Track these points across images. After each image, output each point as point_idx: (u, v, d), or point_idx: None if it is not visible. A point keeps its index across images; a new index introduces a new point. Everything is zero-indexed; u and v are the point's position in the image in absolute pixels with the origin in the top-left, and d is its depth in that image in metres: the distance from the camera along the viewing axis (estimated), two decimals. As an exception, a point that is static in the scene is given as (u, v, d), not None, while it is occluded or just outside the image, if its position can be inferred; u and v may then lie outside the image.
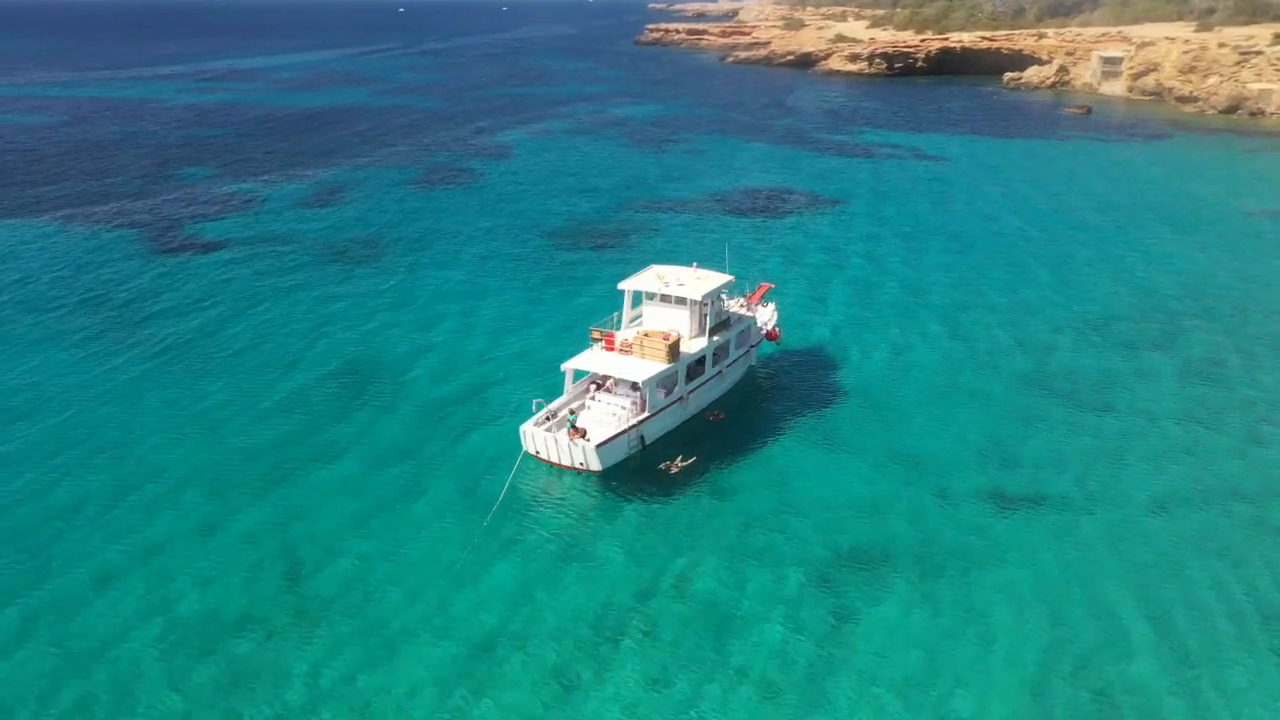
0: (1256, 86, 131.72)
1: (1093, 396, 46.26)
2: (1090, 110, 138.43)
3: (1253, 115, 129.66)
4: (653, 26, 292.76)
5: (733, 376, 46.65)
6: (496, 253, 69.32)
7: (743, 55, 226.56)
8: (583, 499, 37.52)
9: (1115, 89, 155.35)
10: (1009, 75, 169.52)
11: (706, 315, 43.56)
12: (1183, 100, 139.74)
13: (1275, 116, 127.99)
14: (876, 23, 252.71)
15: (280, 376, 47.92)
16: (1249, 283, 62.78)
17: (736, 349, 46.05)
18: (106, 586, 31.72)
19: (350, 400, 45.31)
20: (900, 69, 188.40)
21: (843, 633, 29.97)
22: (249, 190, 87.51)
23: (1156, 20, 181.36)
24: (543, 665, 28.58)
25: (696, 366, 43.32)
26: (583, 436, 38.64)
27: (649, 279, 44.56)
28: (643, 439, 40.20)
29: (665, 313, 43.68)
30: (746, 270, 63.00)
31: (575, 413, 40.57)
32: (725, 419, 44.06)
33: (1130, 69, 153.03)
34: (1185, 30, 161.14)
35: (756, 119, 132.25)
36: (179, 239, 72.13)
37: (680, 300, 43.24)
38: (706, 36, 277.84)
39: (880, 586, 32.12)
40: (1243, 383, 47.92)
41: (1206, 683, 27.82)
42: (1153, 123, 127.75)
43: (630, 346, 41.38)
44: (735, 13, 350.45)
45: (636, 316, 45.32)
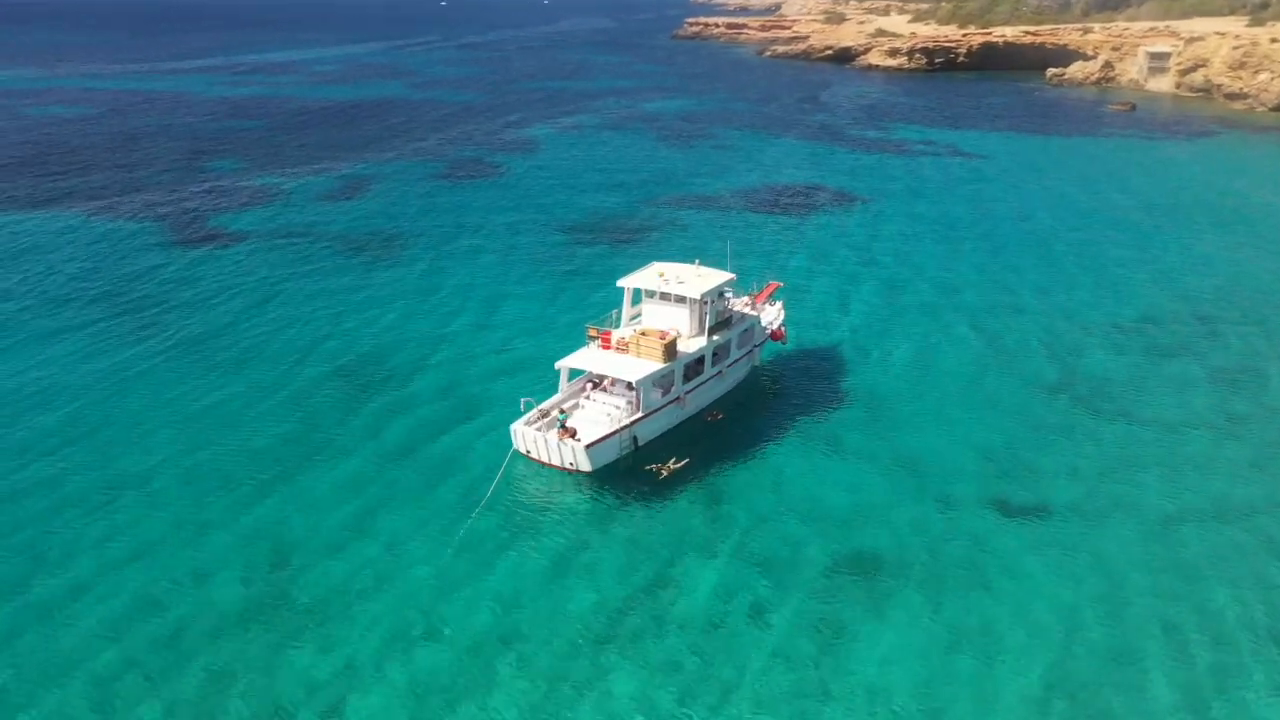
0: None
1: (1113, 403, 44.72)
2: (1134, 107, 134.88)
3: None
4: (691, 20, 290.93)
5: (734, 377, 45.68)
6: (516, 249, 68.67)
7: (781, 50, 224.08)
8: (571, 500, 36.91)
9: (1162, 85, 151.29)
10: (1052, 71, 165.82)
11: (706, 314, 42.65)
12: (1231, 97, 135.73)
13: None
14: (919, 17, 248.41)
15: (288, 371, 47.78)
16: (1292, 287, 60.44)
17: (738, 349, 45.08)
18: (100, 580, 31.60)
19: (355, 396, 45.06)
20: (941, 64, 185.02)
21: (834, 645, 29.05)
22: (275, 183, 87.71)
23: (1207, 15, 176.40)
24: (523, 668, 27.94)
25: (695, 366, 42.48)
26: (572, 436, 37.96)
27: (649, 276, 43.73)
28: (635, 440, 39.45)
29: (665, 311, 42.88)
30: (764, 268, 62.15)
31: (565, 412, 39.91)
32: (724, 420, 43.12)
33: (1178, 65, 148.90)
34: (1236, 25, 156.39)
35: (789, 114, 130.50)
36: (201, 232, 72.39)
37: (680, 298, 42.39)
38: (746, 31, 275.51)
39: (875, 597, 31.17)
40: (1273, 392, 46.00)
41: (1218, 709, 26.51)
42: (1199, 120, 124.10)
43: (626, 345, 40.62)
44: (778, 6, 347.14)
45: (636, 314, 44.53)
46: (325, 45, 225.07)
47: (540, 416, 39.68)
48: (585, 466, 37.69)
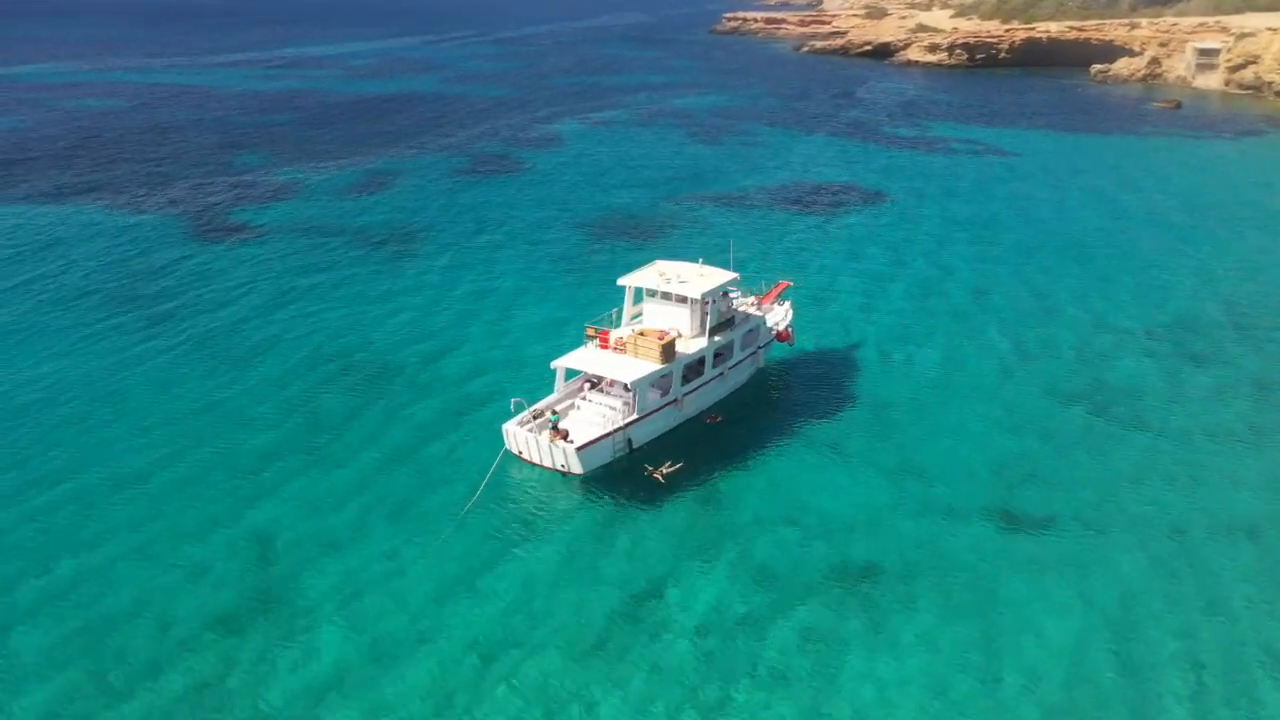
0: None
1: (1133, 412, 43.01)
2: (1180, 104, 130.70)
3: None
4: (729, 15, 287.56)
5: (736, 379, 44.43)
6: (536, 246, 67.62)
7: (819, 45, 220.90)
8: (561, 503, 36.07)
9: (1210, 82, 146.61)
10: (1096, 67, 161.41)
11: (708, 314, 41.47)
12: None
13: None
14: (961, 12, 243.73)
15: (296, 369, 47.42)
16: (1340, 295, 57.63)
17: (741, 350, 43.87)
18: (96, 576, 31.33)
19: (361, 394, 44.64)
20: (982, 60, 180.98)
21: (826, 662, 27.86)
22: (298, 177, 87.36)
23: (1259, 10, 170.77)
24: (504, 675, 27.31)
25: (695, 368, 41.42)
26: (564, 438, 37.06)
27: (649, 275, 42.76)
28: (630, 442, 38.43)
29: (666, 310, 41.90)
30: (781, 267, 60.98)
31: (558, 413, 39.03)
32: (724, 422, 41.94)
33: (1227, 61, 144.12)
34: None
35: (822, 110, 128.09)
36: (220, 226, 72.16)
37: (681, 298, 41.33)
38: (785, 25, 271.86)
39: (871, 611, 29.98)
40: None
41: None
42: (1248, 119, 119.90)
43: (624, 345, 39.66)
44: (819, 0, 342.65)
45: (637, 314, 43.56)
46: (361, 39, 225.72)
47: (534, 417, 38.88)
48: (577, 469, 36.91)
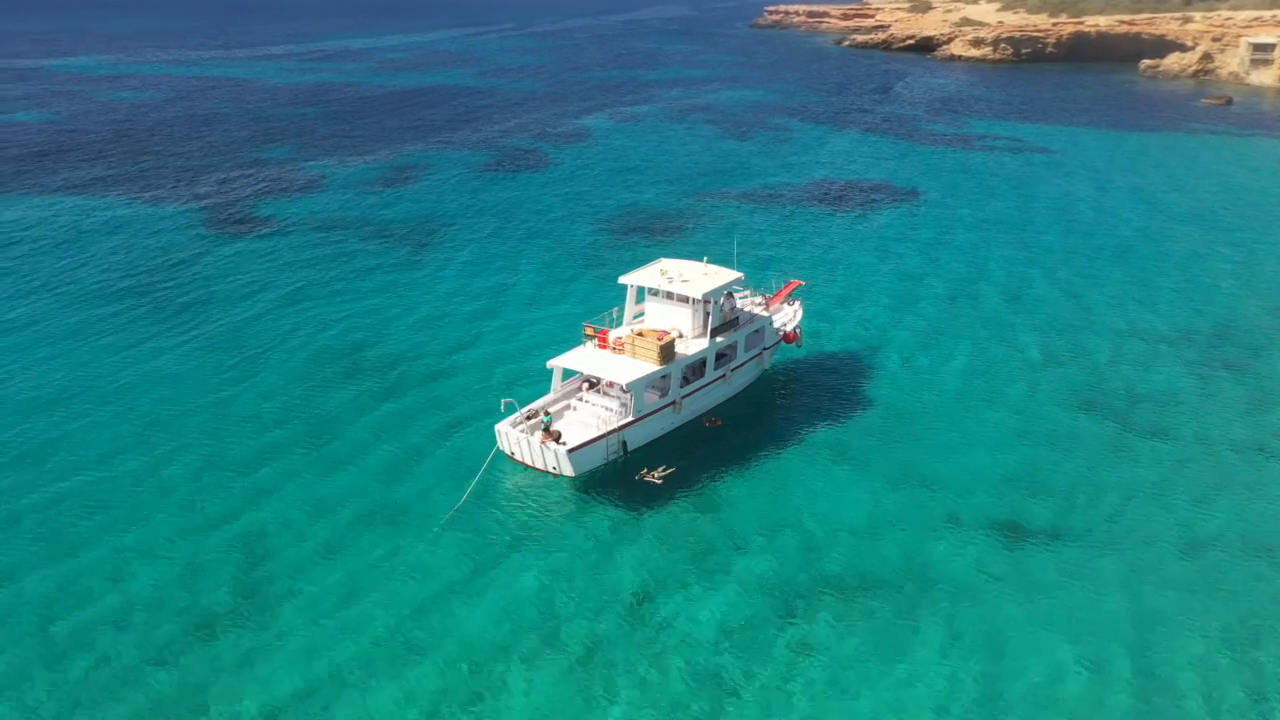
0: None
1: (1156, 421, 41.13)
2: (1231, 101, 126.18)
3: None
4: (771, 9, 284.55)
5: (740, 381, 42.99)
6: (554, 244, 66.48)
7: (860, 39, 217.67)
8: (550, 507, 35.13)
9: (1265, 78, 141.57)
10: (1146, 62, 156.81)
11: (710, 314, 40.12)
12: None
13: None
14: (1008, 5, 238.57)
15: (303, 365, 46.99)
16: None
17: (746, 351, 42.45)
18: (82, 573, 31.10)
19: (368, 393, 44.10)
20: (1028, 55, 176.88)
21: (815, 672, 26.80)
22: (320, 171, 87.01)
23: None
24: (475, 676, 26.66)
25: (696, 369, 40.17)
26: (556, 440, 36.03)
27: (651, 274, 41.59)
28: (625, 445, 37.29)
29: (667, 310, 40.74)
30: (801, 267, 59.59)
31: (550, 414, 38.00)
32: (724, 426, 40.63)
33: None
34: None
35: (857, 106, 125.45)
36: (238, 218, 71.95)
37: (683, 298, 40.09)
38: (827, 19, 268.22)
39: (863, 623, 28.82)
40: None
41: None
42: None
43: (622, 345, 38.57)
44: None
45: (639, 313, 42.42)
46: (398, 32, 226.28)
47: (528, 417, 38.02)
48: (568, 471, 35.99)
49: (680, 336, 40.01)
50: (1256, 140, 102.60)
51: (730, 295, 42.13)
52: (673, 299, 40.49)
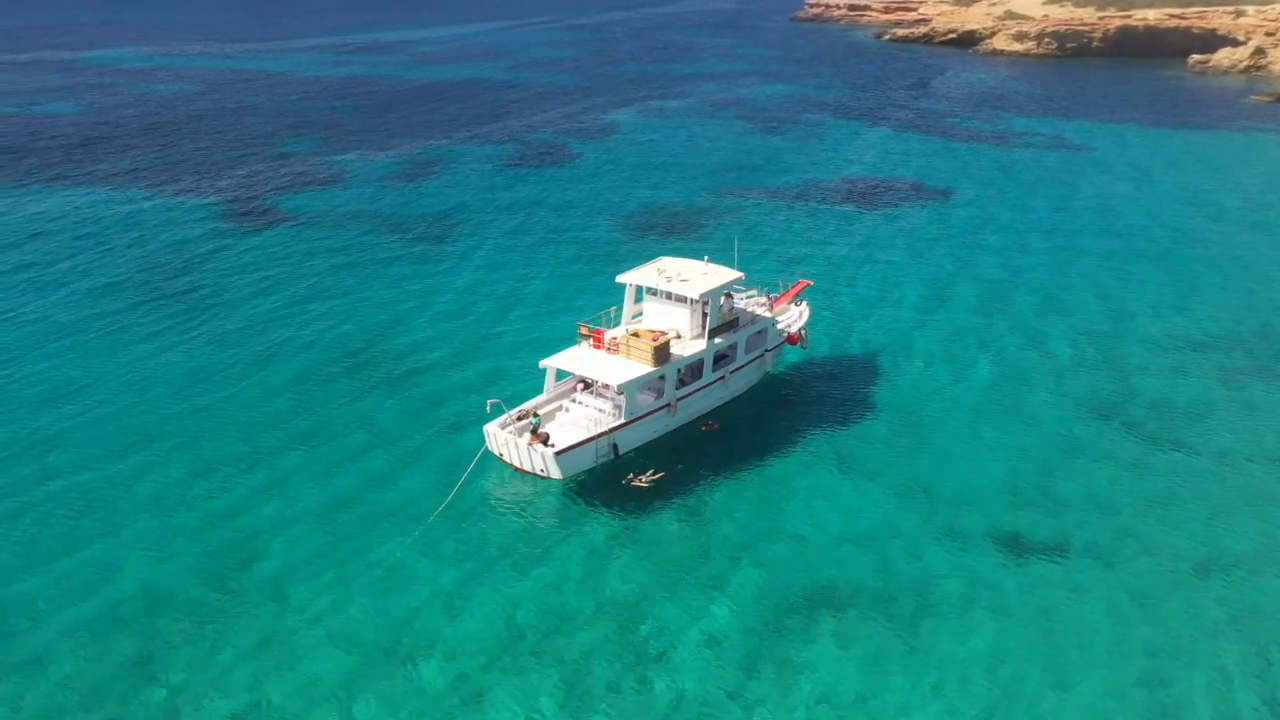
0: None
1: (1172, 430, 39.38)
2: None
3: None
4: (812, 2, 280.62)
5: (740, 383, 41.62)
6: (573, 244, 65.28)
7: (900, 33, 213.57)
8: (537, 508, 34.29)
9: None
10: (1195, 58, 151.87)
11: (708, 314, 38.85)
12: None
13: None
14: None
15: (295, 356, 46.76)
16: None
17: (747, 353, 41.09)
18: (64, 561, 31.18)
19: (353, 386, 43.61)
20: (1073, 50, 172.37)
21: (800, 689, 25.68)
22: (341, 164, 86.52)
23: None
24: (448, 681, 26.01)
25: (694, 371, 39.03)
26: (544, 442, 35.18)
27: (649, 273, 40.44)
28: (616, 448, 36.26)
29: (665, 310, 39.63)
30: (816, 267, 58.21)
31: (539, 415, 37.15)
32: (721, 430, 39.32)
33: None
34: None
35: (892, 101, 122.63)
36: (254, 211, 71.77)
37: (681, 298, 38.94)
38: (868, 13, 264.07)
39: (853, 636, 27.77)
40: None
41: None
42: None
43: (616, 345, 37.55)
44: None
45: (638, 313, 41.29)
46: (435, 25, 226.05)
47: (520, 418, 37.21)
48: (556, 474, 35.16)
49: (678, 337, 38.95)
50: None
51: (729, 295, 40.85)
52: (671, 299, 39.44)
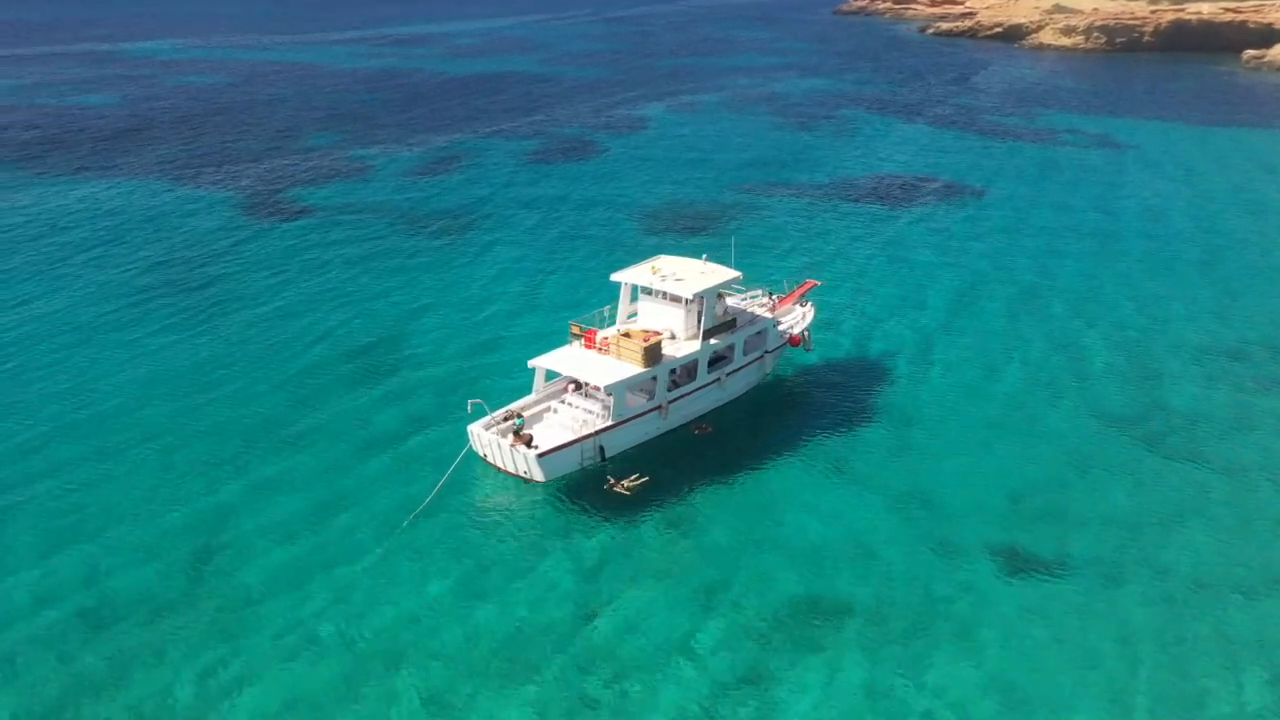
0: None
1: (1187, 443, 37.60)
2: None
3: None
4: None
5: (737, 386, 40.12)
6: (593, 241, 63.91)
7: (945, 27, 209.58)
8: (517, 512, 33.34)
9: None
10: (1250, 53, 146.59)
11: (702, 315, 37.43)
12: None
13: None
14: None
15: (301, 352, 46.40)
16: None
17: (745, 355, 39.60)
18: (46, 554, 31.08)
19: (355, 382, 43.13)
20: (1122, 45, 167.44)
21: (778, 707, 24.61)
22: (365, 157, 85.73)
23: None
24: (421, 692, 25.25)
25: (688, 372, 37.70)
26: (527, 444, 34.17)
27: (643, 271, 39.16)
28: (602, 451, 35.09)
29: (660, 310, 38.38)
30: (840, 268, 56.84)
31: (524, 416, 36.13)
32: (714, 434, 37.94)
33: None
34: None
35: (931, 97, 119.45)
36: (274, 203, 71.41)
37: (675, 297, 37.64)
38: (914, 6, 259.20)
39: (835, 654, 26.54)
40: None
41: None
42: None
43: (607, 346, 36.41)
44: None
45: (633, 312, 40.05)
46: (470, 18, 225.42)
47: (506, 418, 36.25)
48: (539, 477, 34.14)
49: (671, 337, 37.64)
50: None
51: (723, 296, 39.28)
52: (665, 298, 38.10)
